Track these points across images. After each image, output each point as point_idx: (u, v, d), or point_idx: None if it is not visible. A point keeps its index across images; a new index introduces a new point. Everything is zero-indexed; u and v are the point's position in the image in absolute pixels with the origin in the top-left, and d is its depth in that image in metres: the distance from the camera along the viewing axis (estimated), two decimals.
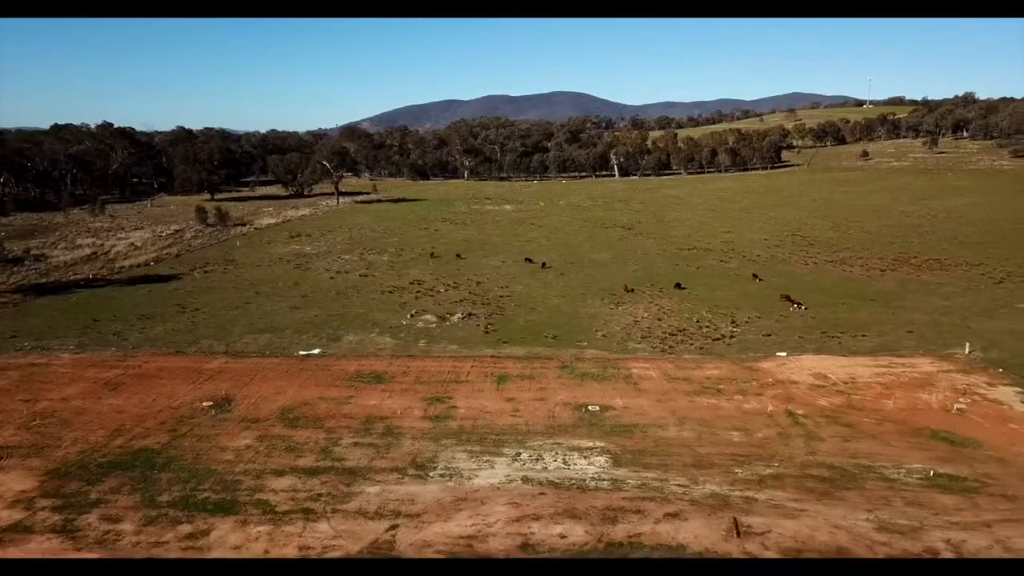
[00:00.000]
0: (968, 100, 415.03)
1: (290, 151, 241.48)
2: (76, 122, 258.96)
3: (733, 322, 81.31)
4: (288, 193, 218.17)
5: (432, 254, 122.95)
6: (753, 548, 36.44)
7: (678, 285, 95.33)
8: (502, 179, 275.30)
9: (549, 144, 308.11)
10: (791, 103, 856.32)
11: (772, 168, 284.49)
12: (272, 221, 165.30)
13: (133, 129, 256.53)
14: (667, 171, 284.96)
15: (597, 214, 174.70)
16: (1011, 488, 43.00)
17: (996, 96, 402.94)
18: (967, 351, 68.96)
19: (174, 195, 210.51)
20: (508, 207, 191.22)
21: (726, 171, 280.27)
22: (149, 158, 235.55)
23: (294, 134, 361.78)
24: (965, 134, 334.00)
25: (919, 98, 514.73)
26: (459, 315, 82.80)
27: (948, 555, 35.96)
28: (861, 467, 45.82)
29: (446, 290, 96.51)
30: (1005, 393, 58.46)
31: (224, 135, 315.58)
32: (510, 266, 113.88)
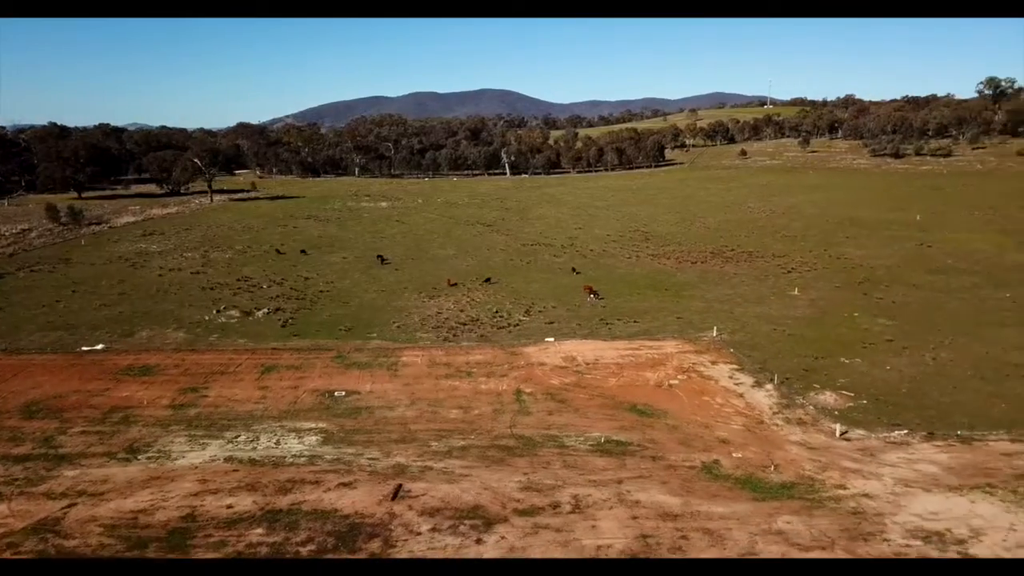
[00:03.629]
0: (848, 102, 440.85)
1: (170, 148, 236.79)
2: None
3: (527, 312, 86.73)
4: (163, 191, 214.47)
5: (278, 251, 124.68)
6: (399, 509, 40.91)
7: (488, 280, 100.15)
8: (393, 177, 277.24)
9: (447, 142, 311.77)
10: (712, 102, 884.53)
11: (657, 167, 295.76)
12: (132, 220, 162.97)
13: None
14: (557, 169, 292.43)
15: (467, 211, 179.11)
16: (663, 451, 49.10)
17: (877, 98, 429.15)
18: (714, 334, 76.14)
19: (39, 193, 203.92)
20: (384, 204, 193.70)
21: (612, 170, 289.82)
22: (14, 155, 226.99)
23: (183, 131, 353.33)
24: (839, 134, 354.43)
25: (820, 99, 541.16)
26: (265, 310, 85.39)
27: (567, 506, 41.30)
28: (548, 437, 51.23)
29: (269, 286, 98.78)
30: (721, 370, 65.39)
31: (107, 132, 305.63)
32: (351, 262, 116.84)
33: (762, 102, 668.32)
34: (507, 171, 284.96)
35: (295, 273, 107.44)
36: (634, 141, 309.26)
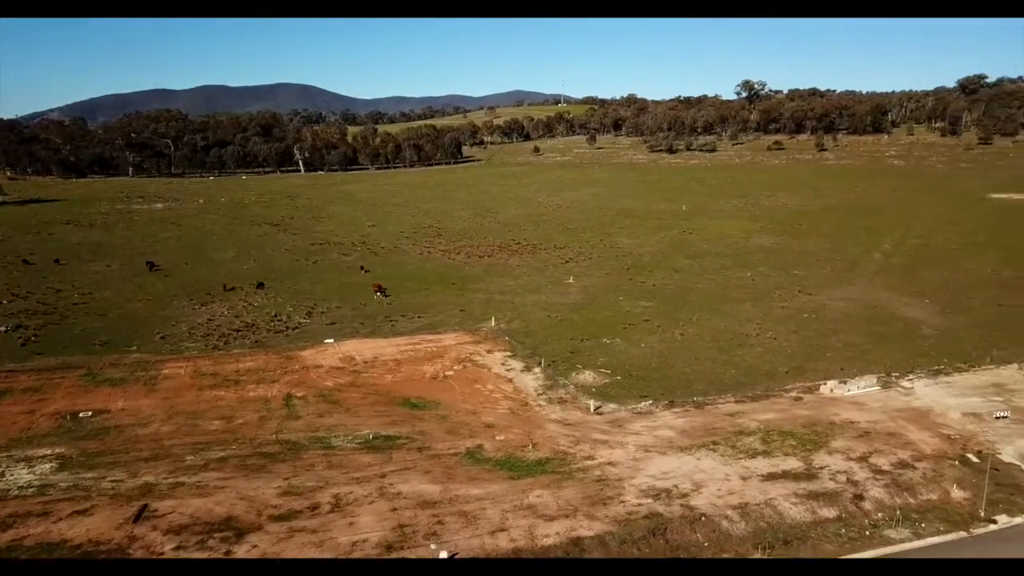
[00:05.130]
0: (630, 101, 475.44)
1: None
2: None
3: (309, 314, 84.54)
4: None
5: (25, 261, 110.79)
6: (141, 531, 38.23)
7: (260, 285, 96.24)
8: (174, 176, 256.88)
9: (235, 138, 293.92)
10: (513, 100, 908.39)
11: (455, 163, 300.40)
12: None
13: None
14: (355, 166, 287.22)
15: (254, 211, 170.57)
16: (431, 441, 50.27)
17: (657, 97, 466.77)
18: (493, 324, 79.10)
19: None
20: (159, 205, 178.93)
21: (412, 166, 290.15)
22: None
23: None
24: (623, 131, 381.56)
25: (609, 97, 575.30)
26: (3, 328, 75.70)
27: (327, 506, 40.94)
28: (315, 439, 50.41)
29: (10, 301, 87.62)
30: (495, 358, 68.12)
31: None
32: (115, 270, 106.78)
33: (557, 100, 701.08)
34: (301, 168, 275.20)
35: (44, 285, 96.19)
36: (432, 138, 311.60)
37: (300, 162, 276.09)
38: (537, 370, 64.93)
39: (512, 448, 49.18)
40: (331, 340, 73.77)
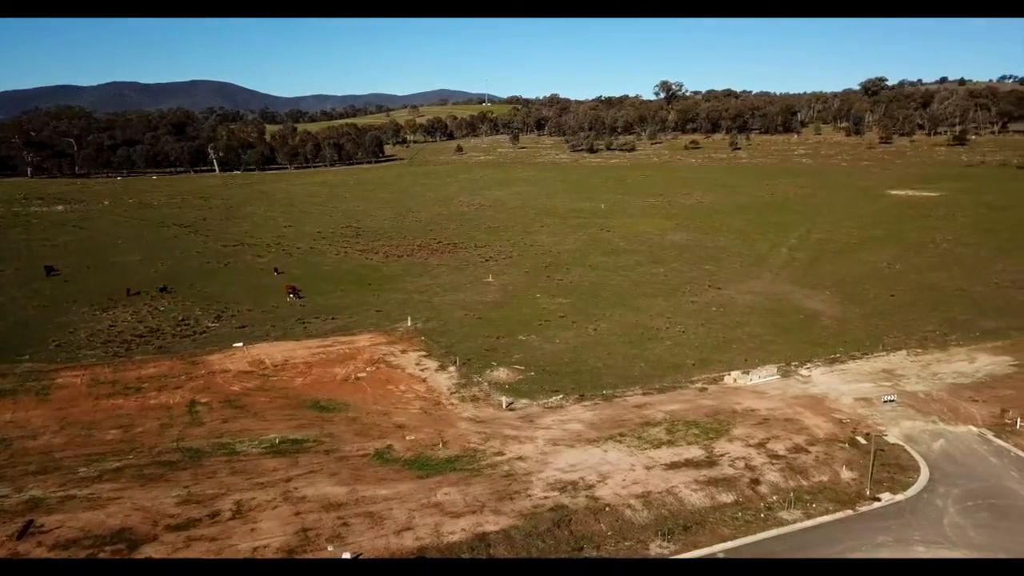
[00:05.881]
0: (553, 101, 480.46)
1: None
2: None
3: (218, 317, 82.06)
4: None
5: None
6: (26, 547, 36.34)
7: (163, 289, 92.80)
8: (78, 177, 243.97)
9: (145, 137, 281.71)
10: (438, 99, 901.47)
11: (377, 162, 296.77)
12: None
13: None
14: (273, 165, 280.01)
15: (164, 212, 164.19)
16: (339, 443, 49.64)
17: (579, 97, 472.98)
18: (409, 323, 78.66)
19: None
20: (60, 208, 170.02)
21: (332, 165, 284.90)
22: None
23: None
24: (546, 131, 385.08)
25: (533, 97, 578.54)
26: None
27: (228, 513, 39.88)
28: (219, 445, 49.01)
29: None
30: (409, 358, 67.78)
31: None
32: (8, 276, 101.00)
33: (481, 100, 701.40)
34: (216, 168, 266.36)
35: None
36: (354, 137, 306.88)
37: (215, 162, 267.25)
38: (452, 369, 64.98)
39: (422, 447, 49.09)
40: (240, 344, 71.81)
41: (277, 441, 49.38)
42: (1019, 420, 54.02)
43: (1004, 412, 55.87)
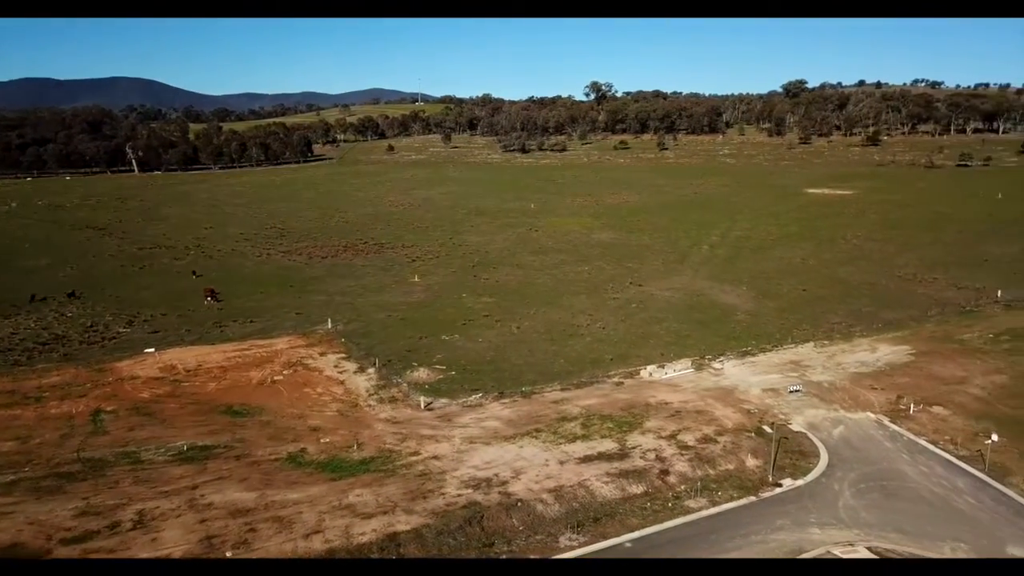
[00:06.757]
0: (485, 100, 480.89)
1: None
2: None
3: (130, 323, 79.21)
4: None
5: None
6: None
7: (71, 294, 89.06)
8: None
9: (58, 135, 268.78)
10: (371, 98, 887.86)
11: (305, 162, 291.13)
12: None
13: None
14: (196, 166, 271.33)
15: (77, 214, 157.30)
16: (251, 448, 48.69)
17: (512, 97, 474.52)
18: (329, 325, 77.63)
19: None
20: None
21: (259, 165, 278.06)
22: None
23: None
24: (478, 131, 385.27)
25: (466, 97, 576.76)
26: None
27: (129, 524, 38.65)
28: (123, 454, 47.40)
29: None
30: (328, 360, 66.92)
31: None
32: None
33: (415, 99, 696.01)
34: (135, 168, 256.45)
35: None
36: (281, 136, 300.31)
37: (134, 161, 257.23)
38: (371, 370, 64.47)
39: (337, 449, 48.62)
40: (152, 349, 69.49)
41: (185, 448, 48.07)
42: (912, 406, 57.19)
43: (899, 398, 59.05)
